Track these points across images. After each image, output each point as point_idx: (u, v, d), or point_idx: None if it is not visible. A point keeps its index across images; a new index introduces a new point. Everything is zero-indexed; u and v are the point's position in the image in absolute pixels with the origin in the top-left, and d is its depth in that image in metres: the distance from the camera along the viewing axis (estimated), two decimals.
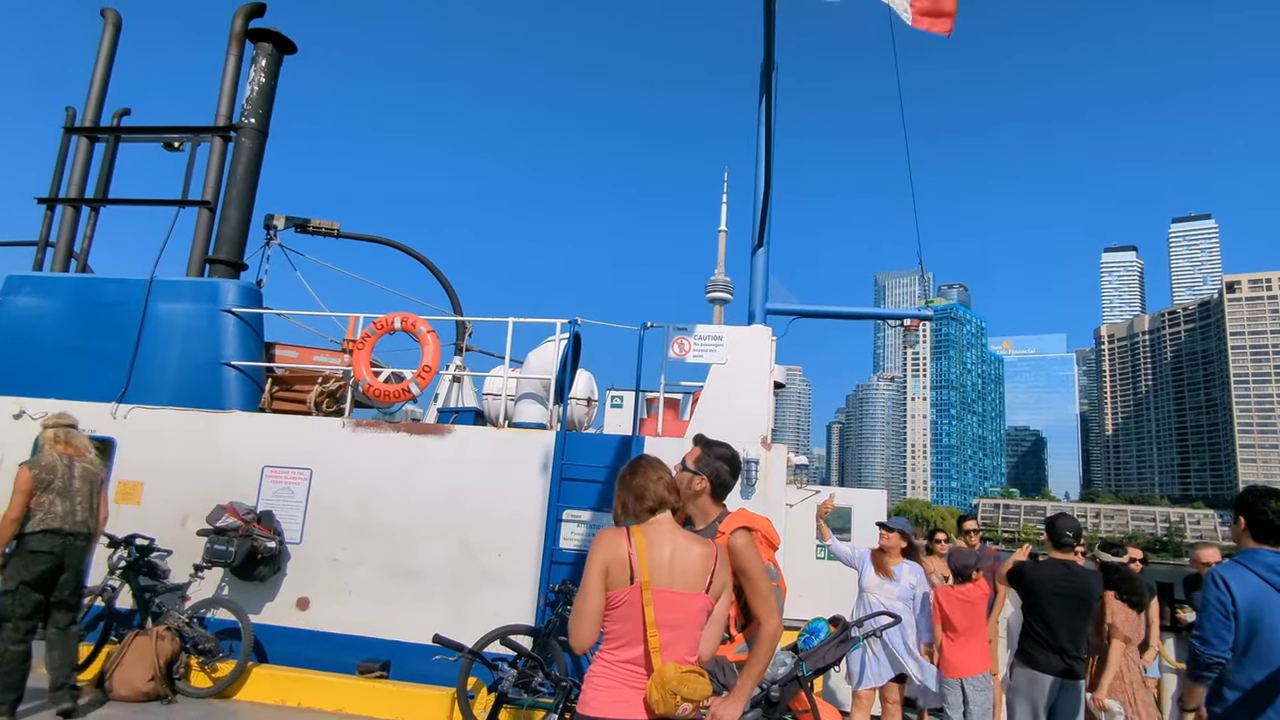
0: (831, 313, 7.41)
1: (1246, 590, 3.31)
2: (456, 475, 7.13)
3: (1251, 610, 3.27)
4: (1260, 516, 3.47)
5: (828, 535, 6.24)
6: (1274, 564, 3.34)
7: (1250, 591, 3.30)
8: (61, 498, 5.48)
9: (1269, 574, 3.33)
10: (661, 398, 7.15)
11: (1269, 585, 3.31)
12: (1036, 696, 5.05)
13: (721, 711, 2.92)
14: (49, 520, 5.40)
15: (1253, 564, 3.38)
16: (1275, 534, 3.43)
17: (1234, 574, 3.37)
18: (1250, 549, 3.48)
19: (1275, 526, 3.42)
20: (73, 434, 5.74)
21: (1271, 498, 3.49)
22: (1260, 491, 3.56)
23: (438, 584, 6.96)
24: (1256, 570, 3.35)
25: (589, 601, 2.60)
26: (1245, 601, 3.29)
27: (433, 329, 7.67)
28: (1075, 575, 5.09)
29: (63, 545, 5.44)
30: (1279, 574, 3.32)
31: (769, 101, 6.80)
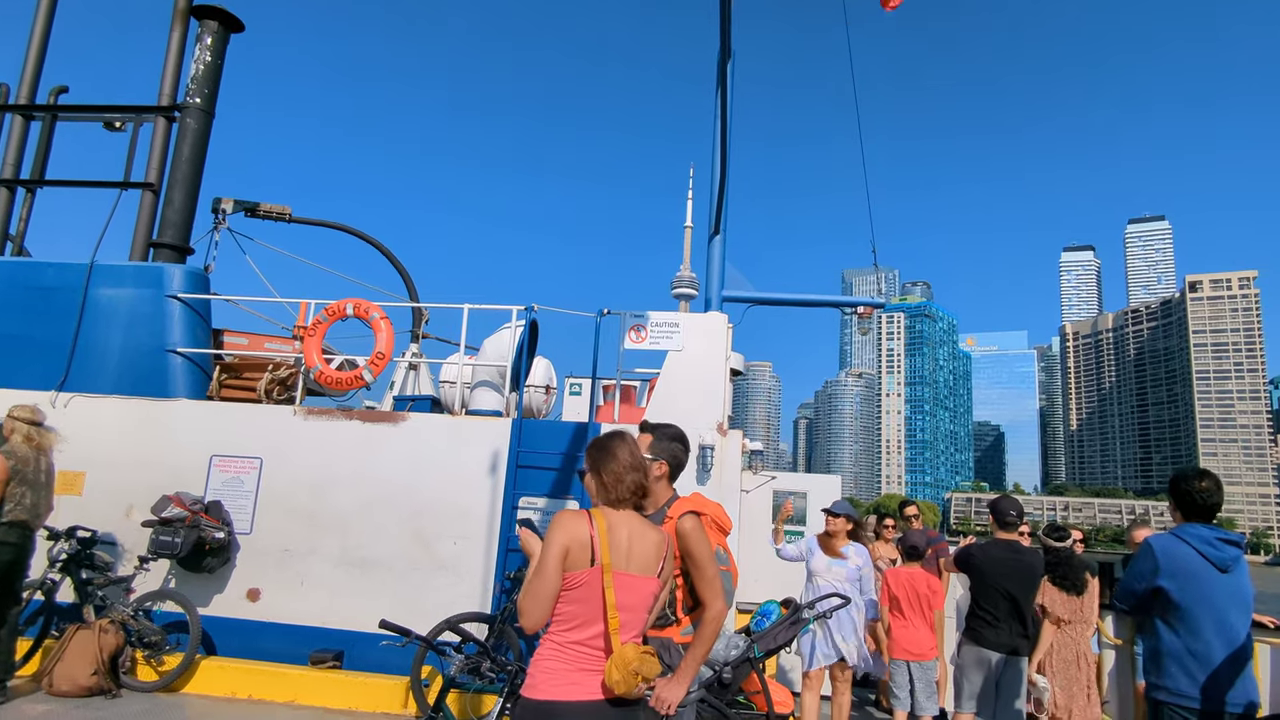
0: (787, 300, 7.63)
1: (1176, 557, 3.60)
2: (411, 463, 7.19)
3: (1181, 576, 3.56)
4: (1189, 497, 3.76)
5: (780, 539, 6.31)
6: (1206, 536, 3.63)
7: (1181, 559, 3.59)
8: (32, 490, 5.47)
9: (1201, 545, 3.61)
10: (618, 385, 7.30)
11: (1202, 556, 3.60)
12: (983, 673, 5.33)
13: (665, 692, 3.01)
14: (18, 513, 5.38)
15: (1186, 536, 3.66)
16: (1204, 512, 3.73)
17: (1166, 542, 3.67)
18: (1183, 525, 3.76)
19: (1202, 505, 3.73)
20: (43, 430, 5.78)
21: (1199, 479, 3.79)
22: (1190, 474, 3.85)
23: (392, 573, 7.03)
24: (1189, 542, 3.63)
25: (546, 582, 2.59)
26: (1172, 564, 3.58)
27: (386, 315, 7.70)
28: (1020, 555, 5.38)
29: (27, 538, 5.43)
30: (1211, 545, 3.62)
31: (724, 92, 6.97)
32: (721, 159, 7.00)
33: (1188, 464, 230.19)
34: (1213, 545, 3.62)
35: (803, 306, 7.45)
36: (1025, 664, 5.35)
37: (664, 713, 3.10)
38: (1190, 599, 3.55)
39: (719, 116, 6.99)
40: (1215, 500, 3.77)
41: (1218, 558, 3.61)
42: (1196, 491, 3.74)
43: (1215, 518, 3.76)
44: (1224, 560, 3.62)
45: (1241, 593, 3.62)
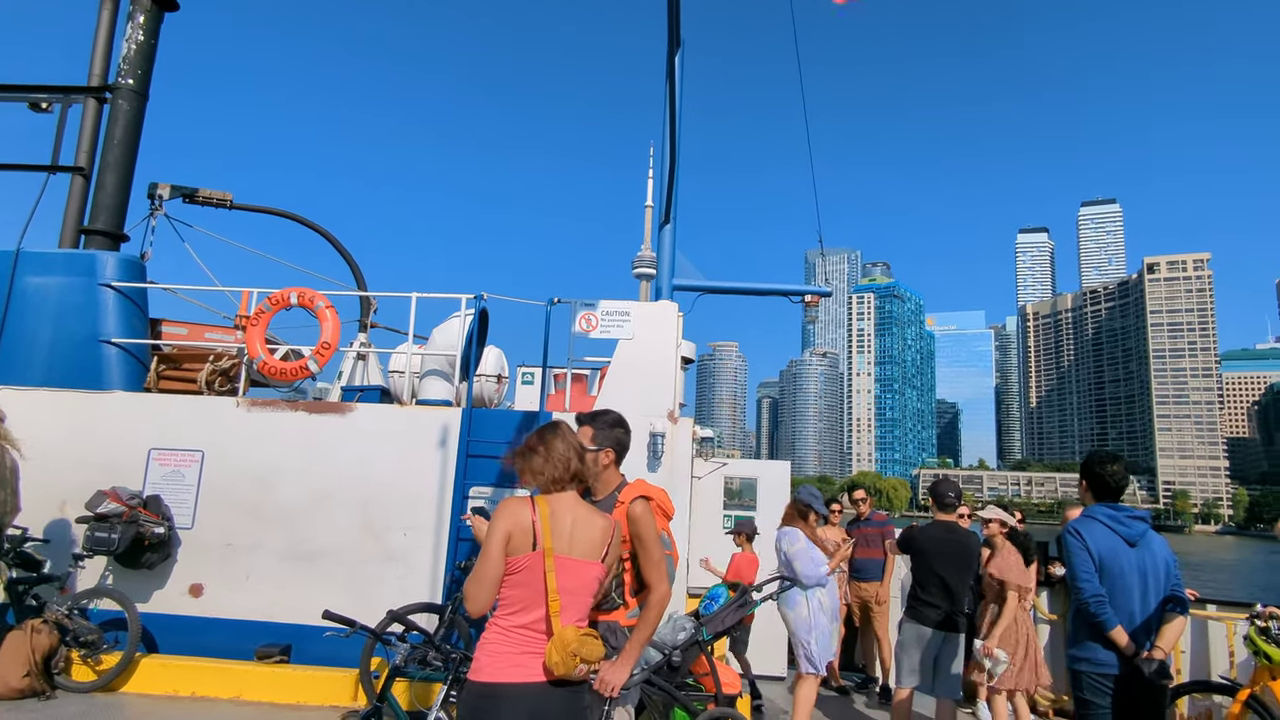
0: (737, 289, 7.76)
1: (1097, 537, 3.88)
2: (359, 454, 7.17)
3: (1103, 554, 3.84)
4: (1102, 479, 4.05)
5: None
6: (1114, 515, 3.92)
7: (1100, 538, 3.87)
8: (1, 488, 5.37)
9: (1113, 523, 3.91)
10: (569, 373, 7.36)
11: (1114, 533, 3.89)
12: (921, 648, 5.60)
13: (609, 675, 3.13)
14: None
15: (1098, 516, 3.95)
16: (1112, 492, 4.03)
17: (1085, 525, 3.94)
18: (1093, 505, 4.04)
19: (1111, 486, 4.02)
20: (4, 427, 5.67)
21: (1111, 462, 4.08)
22: (1101, 457, 4.12)
23: (340, 565, 7.03)
24: (1102, 521, 3.92)
25: (490, 567, 2.68)
26: (1098, 546, 3.85)
27: (332, 304, 7.63)
28: (956, 535, 5.65)
29: None
30: (1120, 523, 3.92)
31: (672, 83, 7.00)
32: (671, 149, 7.06)
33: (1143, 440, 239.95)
34: (1122, 523, 3.92)
35: (752, 295, 7.60)
36: (961, 640, 5.61)
37: (607, 694, 3.22)
38: (1105, 574, 3.82)
39: (668, 107, 7.03)
40: (1124, 482, 4.06)
41: (1127, 534, 3.90)
42: (1109, 475, 4.02)
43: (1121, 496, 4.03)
44: (1133, 536, 3.91)
45: (1151, 564, 3.90)
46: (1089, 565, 3.82)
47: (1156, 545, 3.94)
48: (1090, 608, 3.76)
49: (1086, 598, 3.78)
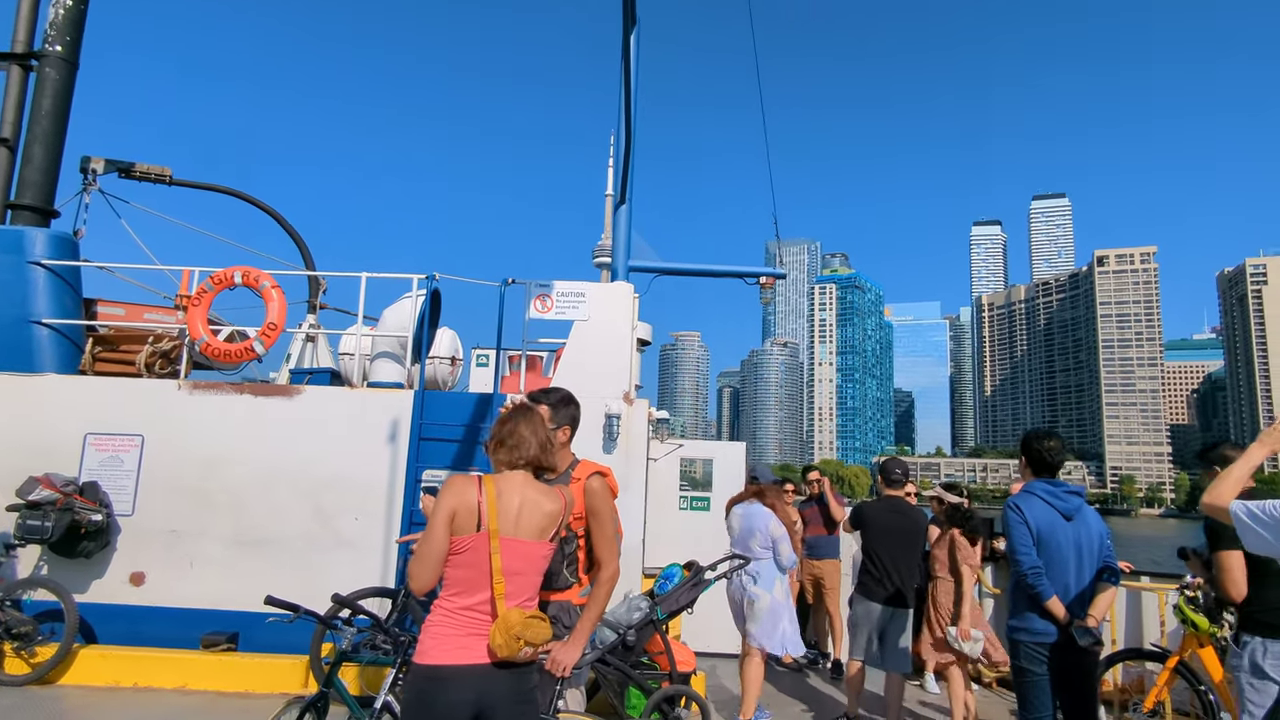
0: (691, 270, 7.81)
1: (1036, 511, 4.04)
2: (308, 438, 7.06)
3: (1041, 528, 4.00)
4: (1037, 455, 4.22)
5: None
6: (1052, 490, 4.09)
7: (1038, 512, 4.03)
8: None
9: (1050, 498, 4.08)
10: (524, 355, 7.34)
11: (1051, 507, 4.05)
12: (870, 624, 5.76)
13: (560, 655, 3.15)
14: None
15: (1036, 491, 4.11)
16: (1049, 468, 4.21)
17: (1024, 500, 4.10)
18: (1031, 481, 4.21)
19: (1051, 462, 4.20)
20: None
21: (1047, 439, 4.26)
22: (1038, 434, 4.30)
23: (289, 551, 6.92)
24: (1040, 495, 4.08)
25: (433, 545, 2.64)
26: (1036, 520, 4.02)
27: (278, 284, 7.46)
28: (903, 511, 5.82)
29: None
30: (1056, 498, 4.09)
31: (627, 64, 6.98)
32: (626, 131, 7.05)
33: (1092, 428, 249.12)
34: (1060, 498, 4.09)
35: (707, 276, 7.67)
36: (909, 616, 5.77)
37: (558, 674, 3.24)
38: (1043, 547, 3.99)
39: (623, 88, 7.02)
40: (1061, 458, 4.24)
41: (1064, 508, 4.08)
42: (1046, 450, 4.19)
43: (1057, 473, 4.20)
44: (1069, 510, 4.09)
45: (1086, 537, 4.08)
46: (1028, 539, 3.97)
47: (1091, 519, 4.12)
48: (1028, 579, 3.92)
49: (1025, 569, 3.93)
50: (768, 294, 7.65)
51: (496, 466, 2.92)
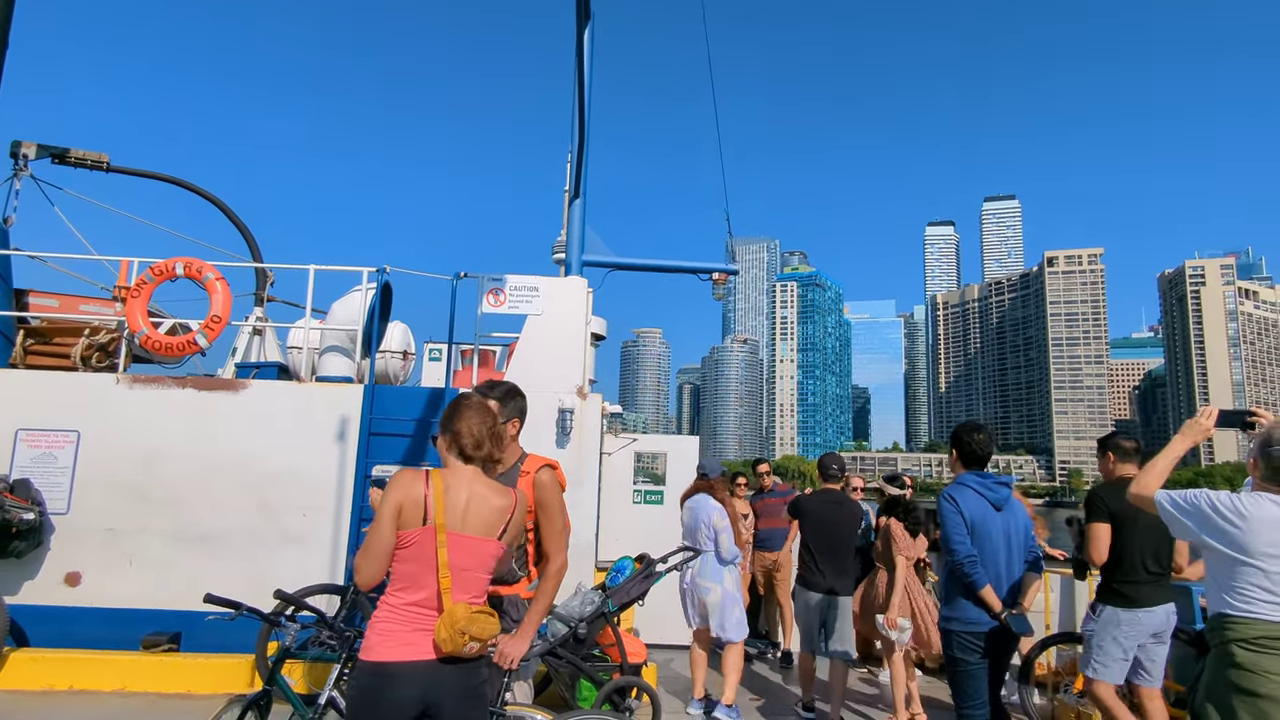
0: (645, 265, 7.89)
1: (969, 502, 4.17)
2: (254, 433, 6.95)
3: (974, 518, 4.13)
4: (967, 447, 4.35)
5: None
6: (983, 481, 4.24)
7: (971, 503, 4.16)
8: None
9: (982, 489, 4.21)
10: (476, 349, 7.33)
11: (983, 498, 4.19)
12: (810, 613, 5.92)
13: (507, 648, 3.15)
14: None
15: (968, 483, 4.25)
16: (978, 460, 4.34)
17: (957, 491, 4.23)
18: (963, 474, 4.34)
19: (980, 454, 4.33)
20: None
21: (975, 431, 4.39)
22: (968, 427, 4.43)
23: (234, 548, 6.81)
24: (972, 487, 4.22)
25: (379, 539, 2.64)
26: (970, 511, 4.14)
27: (222, 276, 7.31)
28: (838, 503, 5.99)
29: None
30: (988, 489, 4.23)
31: (581, 56, 7.01)
32: (580, 127, 7.08)
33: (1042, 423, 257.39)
34: (990, 489, 4.24)
35: (660, 272, 7.74)
36: (848, 604, 5.94)
37: (506, 667, 3.28)
38: (976, 537, 4.12)
39: (576, 84, 7.05)
40: (989, 450, 4.37)
41: (994, 499, 4.23)
42: (975, 443, 4.33)
43: (987, 464, 4.36)
44: (999, 500, 4.25)
45: (1014, 527, 4.25)
46: (962, 528, 4.08)
47: (1018, 509, 4.30)
48: (964, 568, 4.02)
49: (960, 558, 4.03)
50: (720, 290, 7.77)
51: (445, 461, 2.92)
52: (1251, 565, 3.02)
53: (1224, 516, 3.04)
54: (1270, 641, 2.98)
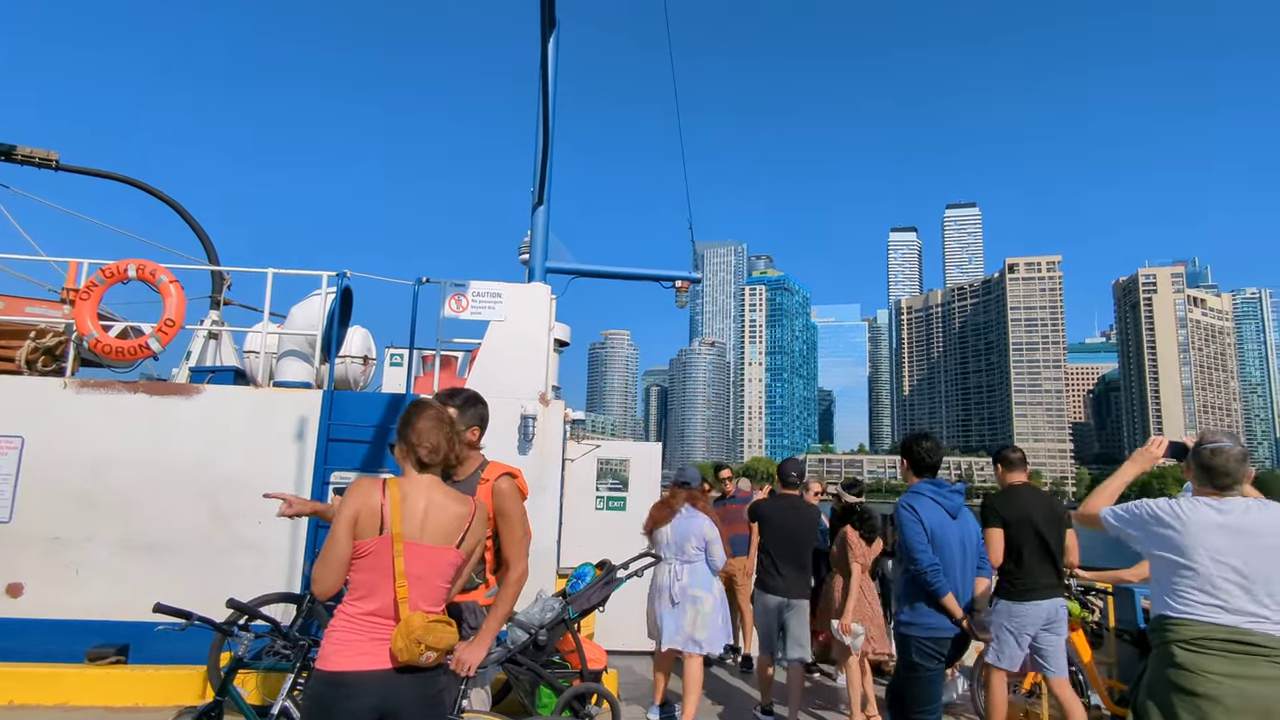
0: (609, 272, 7.93)
1: (928, 511, 4.25)
2: (208, 439, 6.83)
3: (933, 526, 4.22)
4: (916, 456, 4.46)
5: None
6: (938, 490, 4.34)
7: (929, 512, 4.25)
8: None
9: (938, 497, 4.31)
10: (438, 355, 7.29)
11: (940, 506, 4.29)
12: (769, 617, 6.01)
13: (465, 655, 3.15)
14: None
15: (922, 491, 4.34)
16: (930, 468, 4.45)
17: (917, 500, 4.31)
18: (915, 483, 4.44)
19: (930, 462, 4.44)
20: None
21: (924, 440, 4.50)
22: (916, 436, 4.53)
23: (187, 556, 6.68)
24: (929, 495, 4.32)
25: (335, 549, 2.64)
26: (929, 519, 4.23)
27: (176, 279, 7.17)
28: (797, 508, 6.10)
29: None
30: (944, 497, 4.33)
31: (545, 64, 7.04)
32: (544, 134, 7.10)
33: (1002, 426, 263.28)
34: (946, 497, 4.34)
35: (624, 279, 7.79)
36: (806, 606, 6.04)
37: (463, 674, 3.28)
38: (934, 545, 4.20)
39: (541, 91, 7.06)
40: (938, 458, 4.48)
41: (950, 506, 4.33)
42: (924, 451, 4.44)
43: (937, 472, 4.47)
44: (954, 508, 4.35)
45: (967, 534, 4.37)
46: (923, 537, 4.15)
47: (969, 517, 4.43)
48: (928, 576, 4.09)
49: (924, 567, 4.10)
50: (684, 297, 7.84)
51: (403, 468, 2.92)
52: (1190, 568, 3.16)
53: (1164, 523, 3.18)
54: (1208, 642, 3.11)
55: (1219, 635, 3.11)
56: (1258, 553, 3.14)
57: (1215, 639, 3.10)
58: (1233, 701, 3.03)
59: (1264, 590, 3.11)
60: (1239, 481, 3.30)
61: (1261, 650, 3.08)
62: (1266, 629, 3.11)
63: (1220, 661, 3.08)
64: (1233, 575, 3.13)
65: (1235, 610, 3.11)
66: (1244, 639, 3.09)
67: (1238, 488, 3.31)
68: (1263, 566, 3.13)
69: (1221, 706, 3.04)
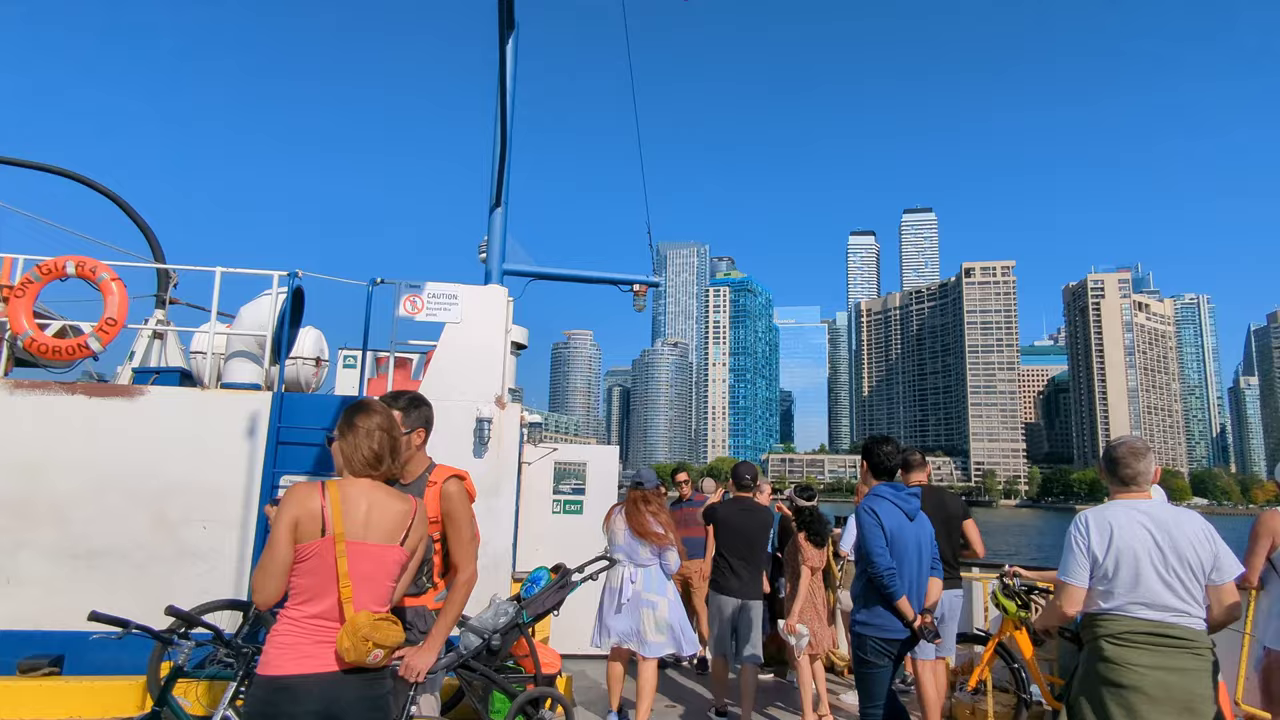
0: (567, 275, 7.92)
1: (887, 514, 4.37)
2: (152, 442, 6.64)
3: (892, 530, 4.33)
4: (876, 459, 4.59)
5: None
6: (897, 493, 4.46)
7: (889, 515, 4.37)
8: None
9: (897, 500, 4.43)
10: (392, 357, 7.21)
11: (898, 509, 4.41)
12: (723, 617, 6.08)
13: (413, 660, 3.14)
14: None
15: (883, 494, 4.46)
16: (887, 471, 4.58)
17: (876, 504, 4.41)
18: (876, 485, 4.55)
19: (889, 466, 4.58)
20: None
21: (884, 443, 4.63)
22: (876, 440, 4.66)
23: (129, 564, 6.48)
24: (889, 498, 4.43)
25: (276, 555, 2.60)
26: (889, 523, 4.34)
27: (118, 276, 6.96)
28: (749, 510, 6.19)
29: None
30: (903, 500, 4.45)
31: (504, 64, 6.99)
32: (501, 134, 7.06)
33: (958, 425, 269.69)
34: (904, 500, 4.47)
35: (581, 283, 7.78)
36: (758, 607, 6.13)
37: (411, 680, 3.25)
38: (893, 548, 4.33)
39: (499, 92, 7.01)
40: (896, 462, 4.64)
41: (908, 509, 4.46)
42: (884, 455, 4.59)
43: (895, 475, 4.63)
44: (912, 511, 4.48)
45: (923, 537, 4.51)
46: (881, 540, 4.26)
47: (924, 519, 4.56)
48: (883, 579, 4.20)
49: (880, 571, 4.20)
50: (641, 301, 7.86)
51: (340, 470, 2.89)
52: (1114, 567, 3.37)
53: (1087, 540, 3.45)
54: (1134, 636, 3.30)
55: (1142, 629, 3.31)
56: (1174, 550, 3.35)
57: (1139, 633, 3.30)
58: (1156, 692, 3.22)
59: (1182, 586, 3.32)
60: (1149, 481, 3.58)
61: (1182, 643, 3.28)
62: (1187, 623, 3.31)
63: (1144, 654, 3.28)
64: (1153, 572, 3.34)
65: (1157, 606, 3.32)
66: (1166, 632, 3.29)
67: (1148, 487, 3.58)
68: (1179, 563, 3.34)
69: (1145, 697, 3.22)
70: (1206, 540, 3.39)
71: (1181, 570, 3.33)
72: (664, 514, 5.90)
